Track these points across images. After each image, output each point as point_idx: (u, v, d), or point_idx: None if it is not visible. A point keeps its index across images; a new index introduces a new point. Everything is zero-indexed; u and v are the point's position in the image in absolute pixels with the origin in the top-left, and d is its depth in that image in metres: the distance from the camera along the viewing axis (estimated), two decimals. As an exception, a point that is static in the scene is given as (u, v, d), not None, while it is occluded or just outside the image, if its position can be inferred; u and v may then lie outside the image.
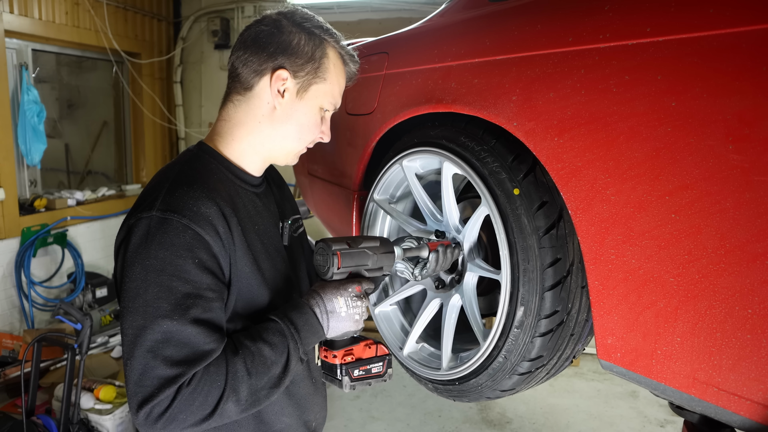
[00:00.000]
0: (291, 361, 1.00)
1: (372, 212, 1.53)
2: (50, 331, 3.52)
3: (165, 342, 0.90)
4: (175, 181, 1.00)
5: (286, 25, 1.07)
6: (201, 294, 0.94)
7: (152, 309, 0.90)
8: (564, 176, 0.94)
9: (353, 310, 1.05)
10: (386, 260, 1.09)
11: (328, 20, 1.13)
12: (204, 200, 0.97)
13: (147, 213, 0.95)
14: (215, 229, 0.97)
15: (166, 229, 0.93)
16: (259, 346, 0.97)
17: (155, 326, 0.90)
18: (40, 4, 4.24)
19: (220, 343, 0.96)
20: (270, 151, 1.13)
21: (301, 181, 2.21)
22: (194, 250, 0.94)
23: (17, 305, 4.17)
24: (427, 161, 1.33)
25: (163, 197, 0.96)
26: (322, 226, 2.22)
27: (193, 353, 0.92)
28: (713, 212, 0.75)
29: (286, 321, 1.01)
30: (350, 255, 1.04)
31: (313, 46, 1.07)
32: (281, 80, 1.05)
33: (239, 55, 1.07)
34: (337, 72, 1.12)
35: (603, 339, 0.92)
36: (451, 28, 1.33)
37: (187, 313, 0.91)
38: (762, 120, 0.69)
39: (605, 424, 3.46)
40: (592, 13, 0.91)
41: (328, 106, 1.12)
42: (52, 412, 3.04)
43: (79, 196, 4.72)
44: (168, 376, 0.89)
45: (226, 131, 1.11)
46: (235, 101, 1.09)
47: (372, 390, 3.80)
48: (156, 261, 0.92)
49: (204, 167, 1.06)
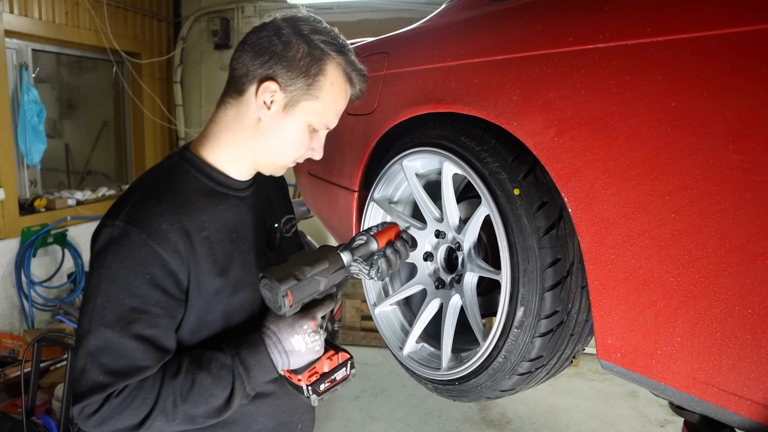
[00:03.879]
0: (234, 398, 1.01)
1: (372, 212, 1.53)
2: (50, 331, 3.52)
3: (104, 350, 0.93)
4: (146, 192, 1.01)
5: (288, 33, 1.02)
6: (148, 309, 0.95)
7: (98, 316, 0.94)
8: (564, 176, 0.94)
9: (312, 344, 1.04)
10: (338, 277, 1.05)
11: (328, 20, 1.09)
12: (167, 216, 0.97)
13: (112, 221, 0.97)
14: (174, 246, 0.97)
15: (124, 241, 0.94)
16: (202, 375, 0.98)
17: (98, 333, 0.93)
18: (40, 4, 4.24)
19: (159, 362, 0.97)
20: (254, 161, 1.10)
21: (301, 181, 2.21)
22: (147, 265, 0.95)
23: (17, 305, 4.18)
24: (427, 161, 1.33)
25: (129, 207, 0.98)
26: (322, 226, 2.22)
27: (129, 366, 0.94)
28: (713, 212, 0.75)
29: (236, 359, 1.01)
30: (300, 288, 0.98)
31: (310, 61, 1.02)
32: (269, 92, 1.02)
33: (237, 57, 1.05)
34: (334, 92, 1.06)
35: (603, 339, 0.92)
36: (451, 28, 1.33)
37: (129, 327, 0.94)
38: (762, 120, 0.69)
39: (605, 424, 3.46)
40: (592, 13, 0.91)
41: (317, 125, 1.07)
42: (52, 412, 3.04)
43: (79, 196, 4.72)
44: (100, 382, 0.93)
45: (213, 135, 1.09)
46: (227, 104, 1.08)
47: (372, 390, 3.80)
48: (109, 271, 0.94)
49: (180, 178, 1.05)
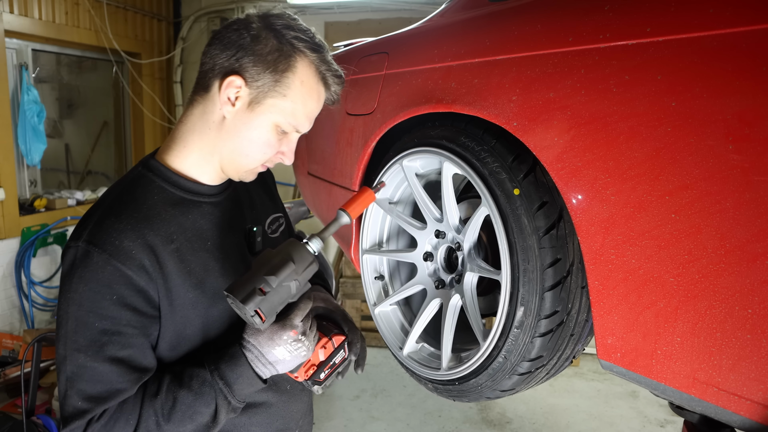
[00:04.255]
0: (220, 413, 0.98)
1: (372, 212, 1.53)
2: (50, 331, 3.51)
3: (79, 375, 0.92)
4: (107, 209, 0.97)
5: (259, 28, 0.97)
6: (119, 330, 0.93)
7: (71, 342, 0.92)
8: (564, 176, 0.94)
9: (296, 351, 0.99)
10: (310, 273, 0.96)
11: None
12: (128, 233, 0.93)
13: (75, 243, 0.93)
14: (139, 262, 0.93)
15: (87, 263, 0.91)
16: (183, 393, 0.95)
17: (72, 358, 0.92)
18: (40, 4, 4.24)
19: (136, 383, 0.95)
20: (220, 164, 1.04)
21: (301, 181, 2.21)
22: (113, 286, 0.91)
23: (17, 305, 4.18)
24: (427, 161, 1.33)
25: (91, 227, 0.94)
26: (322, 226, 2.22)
27: (107, 391, 0.92)
28: (713, 212, 0.75)
29: (215, 375, 0.97)
30: (269, 301, 0.89)
31: (279, 56, 0.96)
32: (234, 87, 0.96)
33: (206, 51, 1.00)
34: (304, 91, 0.99)
35: (603, 339, 0.92)
36: (451, 28, 1.33)
37: (101, 351, 0.91)
38: (762, 120, 0.69)
39: (605, 424, 3.46)
40: (592, 13, 0.91)
41: (285, 126, 1.00)
42: (52, 412, 3.04)
43: (79, 196, 4.72)
44: (79, 408, 0.91)
45: (180, 138, 1.03)
46: (194, 102, 1.03)
47: (372, 390, 3.80)
48: (76, 295, 0.91)
49: (144, 190, 1.00)
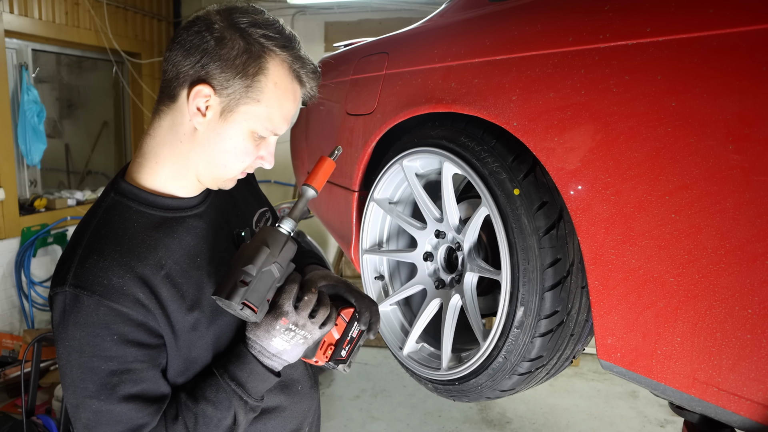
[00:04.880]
0: (239, 415, 0.97)
1: (372, 212, 1.53)
2: (50, 331, 3.51)
3: (97, 421, 0.89)
4: (87, 247, 0.91)
5: (222, 28, 0.88)
6: (128, 368, 0.89)
7: (79, 390, 0.89)
8: (564, 176, 0.94)
9: (294, 339, 0.97)
10: (288, 252, 0.93)
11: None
12: (115, 269, 0.88)
13: (61, 288, 0.89)
14: (132, 297, 0.89)
15: (79, 308, 0.87)
16: (201, 407, 0.94)
17: (85, 406, 0.88)
18: (40, 4, 4.24)
19: (157, 413, 0.92)
20: (197, 176, 0.98)
21: (302, 180, 2.21)
22: (111, 326, 0.87)
23: (17, 305, 4.18)
24: (427, 161, 1.33)
25: (75, 269, 0.89)
26: (322, 226, 2.22)
27: (129, 429, 0.90)
28: (713, 212, 0.75)
29: (225, 378, 0.96)
30: (255, 290, 0.88)
31: (248, 59, 0.88)
32: (203, 96, 0.89)
33: (167, 57, 0.91)
34: (279, 93, 0.92)
35: (603, 339, 0.92)
36: (451, 28, 1.33)
37: (114, 392, 0.88)
38: (762, 120, 0.69)
39: (605, 424, 3.46)
40: (592, 13, 0.91)
41: (261, 131, 0.93)
42: (52, 412, 3.04)
43: (79, 196, 4.72)
44: None
45: (149, 152, 0.97)
46: (160, 113, 0.95)
47: (372, 390, 3.80)
48: (74, 342, 0.88)
49: (120, 219, 0.94)
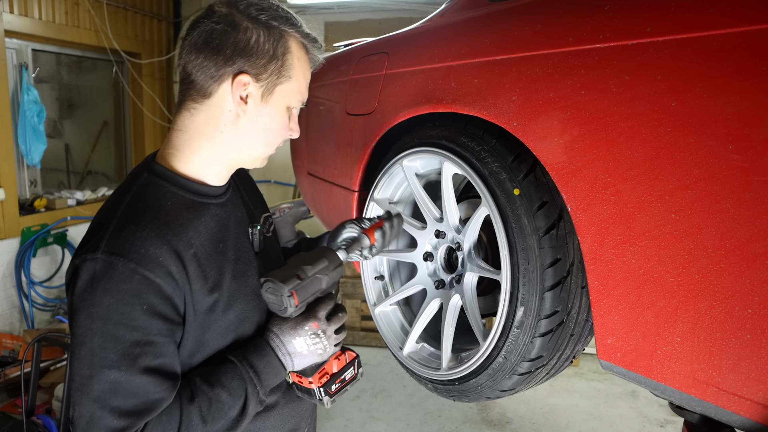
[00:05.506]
0: (249, 405, 0.97)
1: (372, 212, 1.53)
2: (50, 331, 3.52)
3: (112, 392, 0.86)
4: (123, 217, 0.92)
5: (240, 20, 0.95)
6: (151, 340, 0.89)
7: (98, 359, 0.86)
8: (564, 176, 0.94)
9: (314, 346, 1.02)
10: (337, 273, 1.07)
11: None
12: (153, 239, 0.90)
13: (92, 255, 0.87)
14: (167, 269, 0.90)
15: (111, 274, 0.86)
16: (216, 391, 0.94)
17: (102, 376, 0.85)
18: (40, 4, 4.24)
19: (173, 390, 0.92)
20: (235, 159, 1.04)
21: (301, 181, 2.21)
22: (142, 295, 0.87)
23: (17, 305, 4.18)
24: (427, 161, 1.33)
25: (108, 237, 0.89)
26: (323, 226, 2.22)
27: (144, 403, 0.88)
28: (713, 212, 0.75)
29: (245, 364, 0.98)
30: (304, 288, 0.99)
31: (273, 43, 0.96)
32: (243, 86, 0.95)
33: (190, 59, 0.96)
34: (301, 65, 1.02)
35: (603, 339, 0.92)
36: (451, 28, 1.33)
37: (136, 363, 0.87)
38: (762, 120, 0.69)
39: (605, 424, 3.46)
40: (592, 13, 0.91)
41: (295, 103, 1.03)
42: (52, 412, 3.04)
43: (79, 196, 4.72)
44: (116, 427, 0.86)
45: (182, 143, 1.01)
46: (192, 109, 0.99)
47: (372, 390, 3.80)
48: (101, 308, 0.86)
49: (155, 196, 0.97)
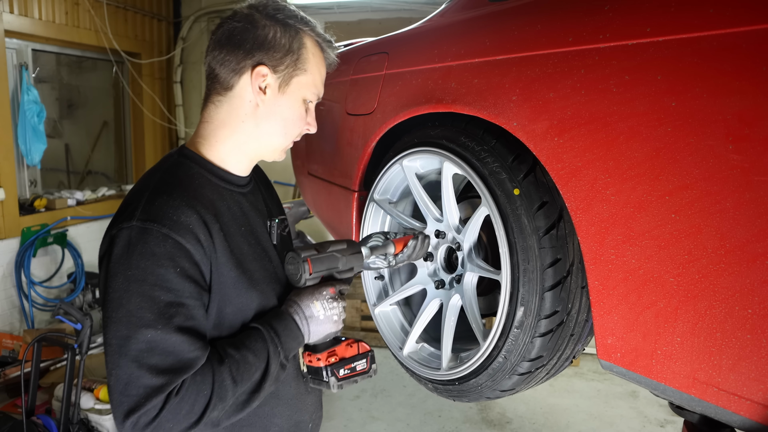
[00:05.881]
0: (271, 364, 1.01)
1: (372, 212, 1.53)
2: (50, 331, 3.52)
3: (149, 351, 0.90)
4: (155, 190, 0.99)
5: (259, 18, 1.05)
6: (183, 302, 0.94)
7: (135, 319, 0.91)
8: (564, 176, 0.94)
9: (330, 311, 1.08)
10: (355, 261, 1.13)
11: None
12: (184, 209, 0.97)
13: (127, 223, 0.94)
14: (196, 237, 0.96)
15: (146, 239, 0.93)
16: (243, 353, 0.99)
17: (139, 335, 0.90)
18: (40, 4, 4.24)
19: (205, 350, 0.97)
20: (256, 150, 1.12)
21: (301, 181, 2.21)
22: (175, 258, 0.94)
23: (17, 305, 4.18)
24: (427, 161, 1.33)
25: (143, 206, 0.96)
26: (323, 226, 2.22)
27: (179, 361, 0.92)
28: (713, 212, 0.75)
29: (266, 326, 1.03)
30: (320, 260, 1.06)
31: (289, 38, 1.05)
32: (261, 76, 1.04)
33: (215, 56, 1.06)
34: (316, 61, 1.10)
35: (603, 339, 0.92)
36: (451, 28, 1.33)
37: (170, 322, 0.92)
38: (762, 120, 0.69)
39: (605, 424, 3.46)
40: (592, 13, 0.91)
41: (311, 96, 1.11)
42: (52, 412, 3.04)
43: (79, 196, 4.72)
44: (154, 385, 0.90)
45: (209, 133, 1.09)
46: (216, 102, 1.08)
47: (372, 390, 3.80)
48: (138, 271, 0.92)
49: (185, 174, 1.05)
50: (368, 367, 1.16)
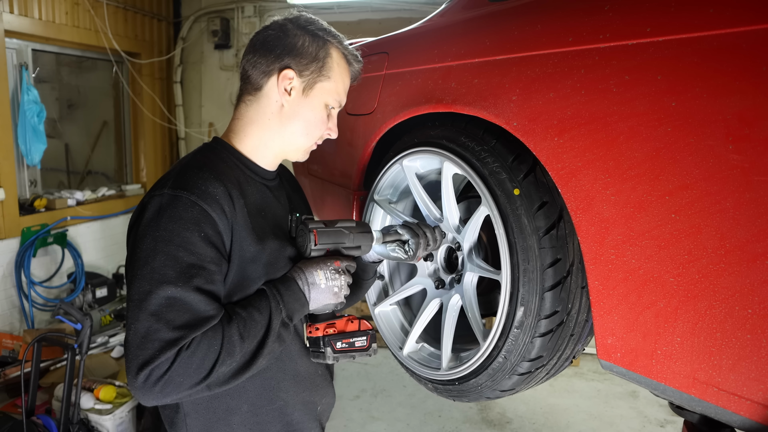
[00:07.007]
0: (273, 320, 1.06)
1: (372, 212, 1.53)
2: (50, 331, 3.52)
3: (168, 306, 0.96)
4: (187, 165, 1.09)
5: (292, 28, 1.15)
6: (204, 266, 1.01)
7: (158, 275, 0.97)
8: (564, 176, 0.94)
9: (332, 282, 1.12)
10: (363, 240, 1.16)
11: (328, 20, 1.18)
12: (212, 181, 1.05)
13: (159, 191, 1.03)
14: (221, 207, 1.04)
15: (176, 204, 1.01)
16: (249, 311, 1.05)
17: (160, 291, 0.96)
18: (40, 4, 4.23)
19: (219, 311, 1.02)
20: (281, 146, 1.19)
21: (301, 181, 2.21)
22: (201, 224, 1.01)
23: (17, 305, 4.17)
24: (427, 161, 1.33)
25: (174, 178, 1.05)
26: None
27: (194, 318, 0.98)
28: (713, 212, 0.75)
29: (270, 286, 1.09)
30: (326, 233, 1.12)
31: (316, 47, 1.15)
32: (287, 79, 1.13)
33: (249, 59, 1.15)
34: (340, 71, 1.18)
35: (603, 339, 0.92)
36: (451, 28, 1.33)
37: (190, 282, 0.98)
38: (762, 120, 0.69)
39: (605, 424, 3.46)
40: (592, 13, 0.91)
41: (333, 103, 1.19)
42: (52, 412, 3.03)
43: (79, 196, 4.71)
44: (169, 338, 0.95)
45: (239, 128, 1.19)
46: (247, 101, 1.17)
47: (372, 390, 3.80)
48: (165, 232, 0.99)
49: (216, 156, 1.14)
50: (368, 345, 1.17)
